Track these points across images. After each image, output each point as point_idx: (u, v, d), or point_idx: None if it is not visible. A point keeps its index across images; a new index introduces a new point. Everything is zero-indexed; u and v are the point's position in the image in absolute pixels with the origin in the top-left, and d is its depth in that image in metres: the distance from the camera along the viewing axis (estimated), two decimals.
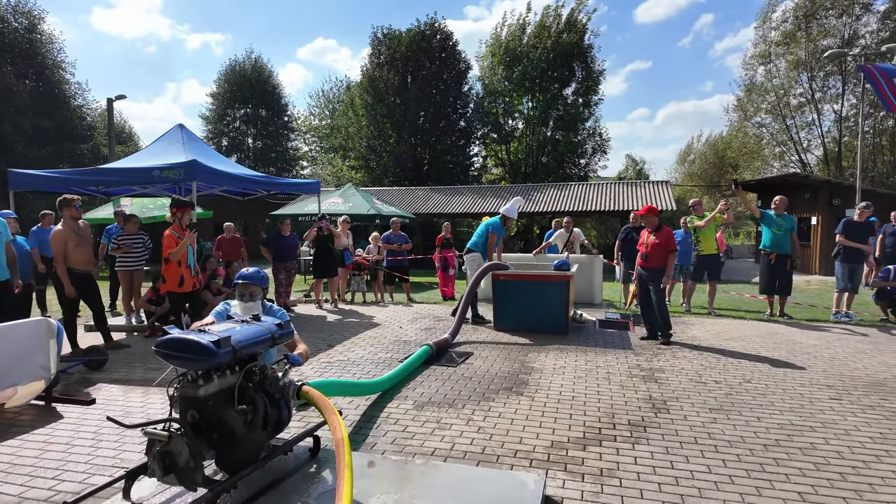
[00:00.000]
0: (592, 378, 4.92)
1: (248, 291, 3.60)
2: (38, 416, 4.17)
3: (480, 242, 7.85)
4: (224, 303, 3.69)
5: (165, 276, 5.92)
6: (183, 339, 2.51)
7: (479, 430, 3.72)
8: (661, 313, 6.25)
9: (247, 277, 3.62)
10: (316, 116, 45.34)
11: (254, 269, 3.72)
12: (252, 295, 3.59)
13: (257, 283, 3.61)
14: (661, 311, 6.26)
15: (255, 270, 3.69)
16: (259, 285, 3.62)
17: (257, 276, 3.63)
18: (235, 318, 3.06)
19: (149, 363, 5.70)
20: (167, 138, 8.05)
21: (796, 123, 25.16)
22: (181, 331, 2.65)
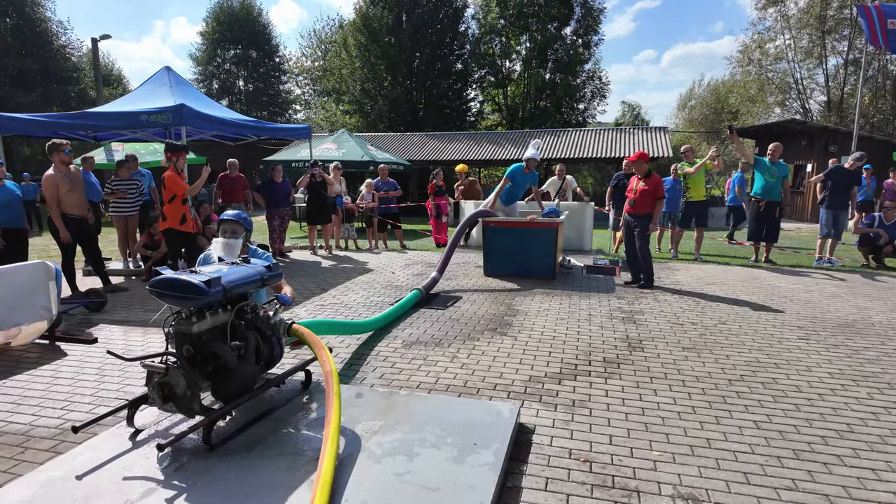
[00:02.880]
0: (574, 320, 5.13)
1: (230, 228, 3.67)
2: (43, 354, 4.37)
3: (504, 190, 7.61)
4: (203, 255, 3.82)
5: (167, 214, 6.00)
6: (176, 279, 2.63)
7: (463, 366, 3.94)
8: (645, 259, 6.41)
9: (231, 216, 3.72)
10: (308, 58, 44.02)
11: (238, 211, 3.82)
12: (234, 233, 3.65)
13: (241, 222, 3.68)
14: (644, 257, 6.41)
15: (240, 212, 3.78)
16: (242, 225, 3.70)
17: (241, 217, 3.72)
18: (225, 260, 3.19)
19: (147, 305, 5.88)
20: (154, 81, 7.90)
21: (800, 69, 24.60)
22: (173, 271, 2.77)
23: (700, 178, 8.91)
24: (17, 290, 4.39)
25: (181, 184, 5.90)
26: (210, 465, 2.47)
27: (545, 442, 2.84)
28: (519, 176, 7.46)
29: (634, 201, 6.40)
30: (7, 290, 4.31)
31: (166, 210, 6.00)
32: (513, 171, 7.49)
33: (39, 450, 2.81)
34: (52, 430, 3.03)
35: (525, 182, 7.56)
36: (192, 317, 2.73)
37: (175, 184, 5.89)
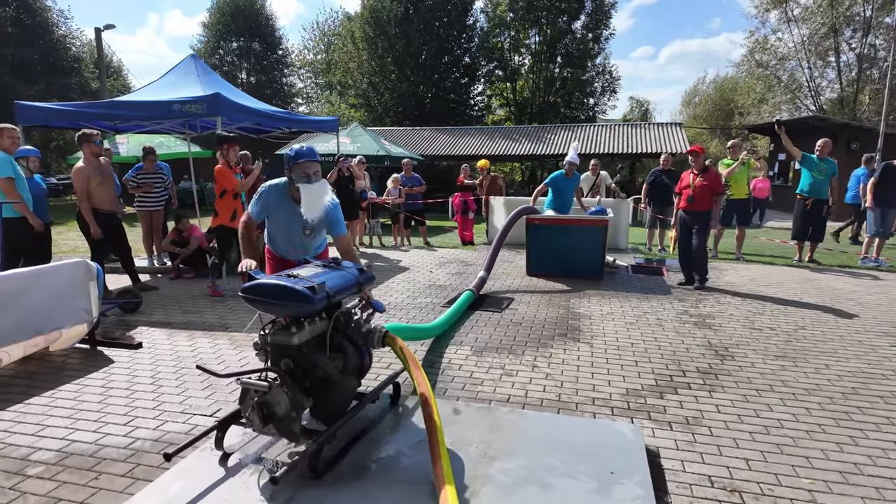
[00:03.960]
0: (644, 324, 4.85)
1: (311, 171, 3.04)
2: (86, 361, 4.05)
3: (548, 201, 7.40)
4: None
5: (218, 210, 5.68)
6: (277, 285, 2.34)
7: (547, 376, 3.65)
8: (701, 259, 6.13)
9: (304, 155, 3.06)
10: (311, 51, 43.51)
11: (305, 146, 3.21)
12: (316, 174, 3.09)
13: (316, 159, 3.10)
14: (701, 256, 6.13)
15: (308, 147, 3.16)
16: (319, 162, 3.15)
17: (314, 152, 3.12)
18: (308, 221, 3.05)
19: (184, 306, 5.56)
20: (180, 70, 7.55)
21: (810, 66, 24.33)
22: (267, 275, 2.47)
23: (742, 175, 8.63)
24: (57, 291, 4.06)
25: (232, 178, 5.59)
26: (322, 497, 2.18)
27: (677, 467, 2.56)
28: (561, 182, 7.20)
29: (692, 197, 6.09)
30: (47, 291, 3.99)
31: (217, 206, 5.67)
32: (553, 178, 7.23)
33: (115, 474, 2.51)
34: (123, 450, 2.72)
35: (569, 187, 7.26)
36: (292, 327, 2.43)
37: (226, 178, 5.57)
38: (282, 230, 3.32)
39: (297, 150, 3.07)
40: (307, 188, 3.05)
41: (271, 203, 3.22)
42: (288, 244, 3.38)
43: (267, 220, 3.35)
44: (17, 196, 4.96)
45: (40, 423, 3.02)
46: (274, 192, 3.22)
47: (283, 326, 2.47)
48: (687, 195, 6.14)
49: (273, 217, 3.30)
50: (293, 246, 3.37)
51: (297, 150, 3.07)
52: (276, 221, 3.31)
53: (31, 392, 3.45)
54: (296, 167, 3.04)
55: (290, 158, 3.06)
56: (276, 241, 3.40)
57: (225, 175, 5.58)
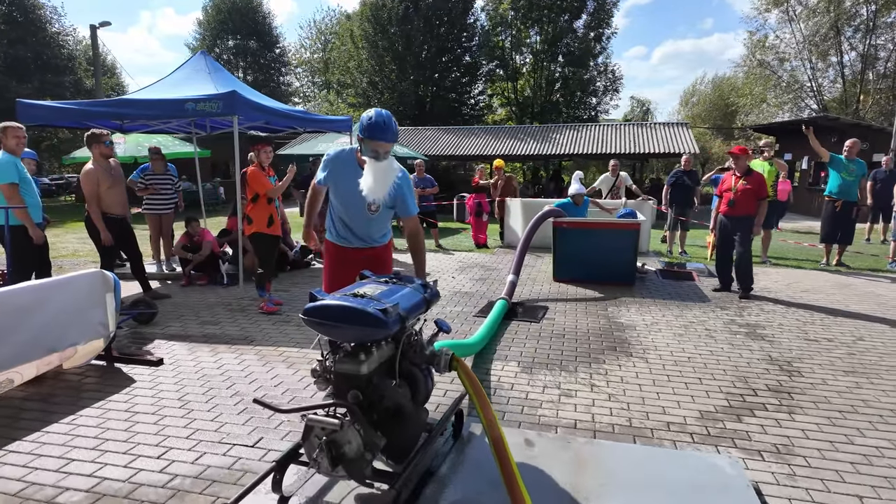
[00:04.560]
0: (694, 335, 4.59)
1: (382, 151, 2.70)
2: (104, 380, 3.74)
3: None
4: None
5: (252, 216, 5.30)
6: (346, 308, 2.05)
7: (610, 397, 3.38)
8: (746, 266, 5.86)
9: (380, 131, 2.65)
10: (307, 49, 43.14)
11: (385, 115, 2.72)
12: (386, 153, 2.75)
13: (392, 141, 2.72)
14: (745, 263, 5.86)
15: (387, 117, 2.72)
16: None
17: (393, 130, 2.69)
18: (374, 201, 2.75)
19: (201, 316, 5.25)
20: (189, 67, 7.21)
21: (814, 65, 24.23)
22: (331, 295, 2.18)
23: (770, 177, 8.39)
24: (72, 304, 3.74)
25: (266, 182, 5.23)
26: None
27: None
28: (571, 210, 6.99)
29: (734, 201, 5.81)
30: (62, 304, 3.67)
31: (251, 212, 5.30)
32: (562, 206, 6.99)
33: None
34: (162, 489, 2.42)
35: (579, 214, 7.02)
36: (360, 353, 2.14)
37: (259, 182, 5.20)
38: (345, 203, 2.92)
39: (374, 122, 2.65)
40: (373, 164, 2.72)
41: (338, 169, 2.90)
42: (351, 223, 2.97)
43: (331, 197, 3.00)
44: (21, 202, 4.61)
45: (63, 457, 2.71)
46: (342, 157, 2.92)
47: (348, 353, 2.18)
48: (728, 199, 5.86)
49: (337, 187, 2.91)
50: (356, 226, 2.98)
51: (375, 121, 2.65)
52: (340, 193, 2.91)
53: (48, 418, 3.15)
54: (368, 141, 2.67)
55: (364, 128, 2.67)
56: (336, 221, 3.02)
57: (258, 178, 5.21)
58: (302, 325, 4.89)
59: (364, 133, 2.69)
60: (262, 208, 5.27)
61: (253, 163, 5.34)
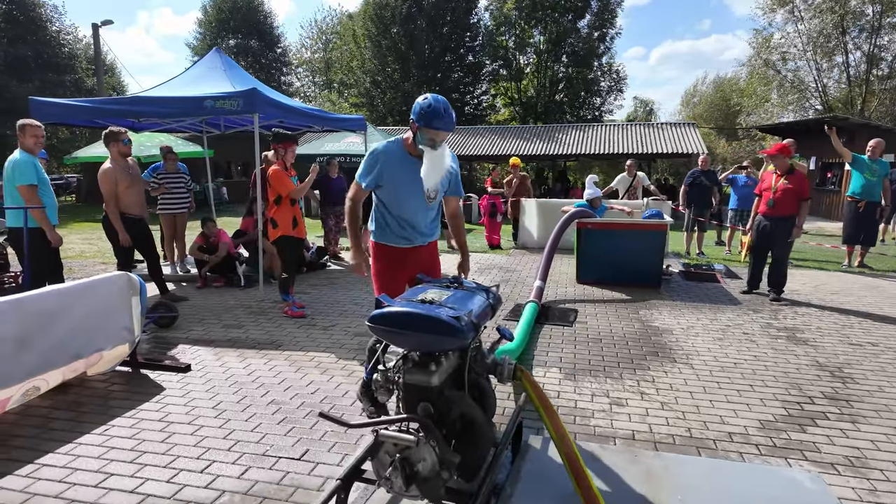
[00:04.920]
0: (734, 339, 4.47)
1: (440, 139, 2.64)
2: (132, 387, 3.60)
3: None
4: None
5: (276, 219, 5.07)
6: (419, 315, 1.91)
7: (664, 406, 3.25)
8: (782, 268, 5.71)
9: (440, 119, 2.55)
10: (308, 49, 42.96)
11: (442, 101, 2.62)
12: (442, 141, 2.67)
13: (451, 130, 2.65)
14: (782, 265, 5.71)
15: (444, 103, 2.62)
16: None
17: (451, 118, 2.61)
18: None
19: (223, 319, 5.11)
20: (204, 65, 7.06)
21: (819, 66, 24.14)
22: (398, 301, 2.05)
23: None
24: (98, 308, 3.60)
25: (289, 182, 4.98)
26: None
27: None
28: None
29: (774, 201, 5.66)
30: (88, 308, 3.53)
31: (275, 215, 5.07)
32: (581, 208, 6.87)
33: None
34: None
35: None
36: (430, 364, 2.01)
37: (282, 183, 4.95)
38: (404, 198, 2.76)
39: (433, 109, 2.53)
40: (430, 153, 2.63)
41: (391, 164, 2.72)
42: (413, 218, 2.80)
43: (377, 195, 2.85)
44: (39, 203, 4.45)
45: (101, 471, 2.57)
46: (391, 150, 2.73)
47: (416, 363, 2.05)
48: (767, 198, 5.69)
49: (394, 183, 2.74)
50: (419, 221, 2.83)
51: (434, 108, 2.53)
52: (397, 188, 2.74)
53: (79, 428, 3.00)
54: (426, 130, 2.57)
55: (422, 115, 2.54)
56: (392, 220, 2.84)
57: (281, 179, 4.99)
58: (330, 329, 4.77)
59: (421, 121, 2.58)
60: (286, 210, 5.06)
61: (274, 161, 5.14)
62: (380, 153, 2.76)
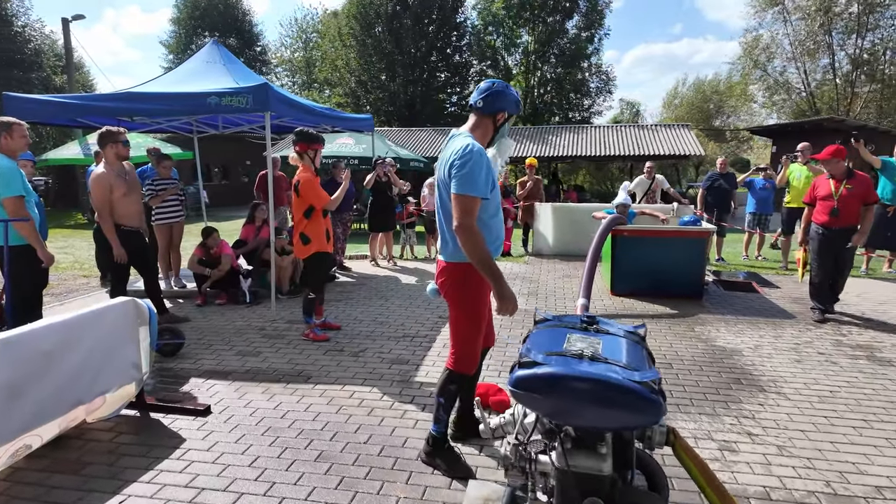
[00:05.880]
0: (812, 361, 4.06)
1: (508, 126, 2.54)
2: (144, 437, 3.00)
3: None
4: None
5: (308, 234, 4.37)
6: (597, 381, 1.41)
7: (781, 450, 2.80)
8: (843, 282, 5.25)
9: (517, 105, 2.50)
10: (288, 48, 41.97)
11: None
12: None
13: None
14: (844, 279, 5.25)
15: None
16: None
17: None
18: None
19: (234, 344, 4.51)
20: (200, 59, 6.39)
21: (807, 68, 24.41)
22: (554, 360, 1.53)
23: (808, 182, 8.01)
24: (102, 343, 3.00)
25: (322, 192, 4.37)
26: None
27: None
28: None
29: (838, 210, 5.00)
30: (91, 344, 2.92)
31: (306, 229, 4.39)
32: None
33: None
34: None
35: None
36: (600, 446, 1.50)
37: (316, 192, 4.31)
38: (494, 202, 2.42)
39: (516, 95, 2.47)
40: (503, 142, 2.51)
41: (490, 165, 2.35)
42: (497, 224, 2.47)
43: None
44: (28, 216, 3.78)
45: None
46: (482, 150, 2.34)
47: (578, 442, 1.54)
48: (829, 207, 5.07)
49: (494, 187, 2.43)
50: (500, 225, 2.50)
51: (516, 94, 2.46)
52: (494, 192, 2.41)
53: (88, 499, 2.41)
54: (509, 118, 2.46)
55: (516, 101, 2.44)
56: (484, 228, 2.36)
57: (315, 189, 4.31)
58: (360, 356, 4.21)
59: (513, 107, 2.44)
60: (318, 223, 4.41)
61: (299, 165, 4.50)
62: (482, 152, 2.30)
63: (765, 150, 26.25)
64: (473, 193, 2.21)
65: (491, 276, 2.23)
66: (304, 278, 4.71)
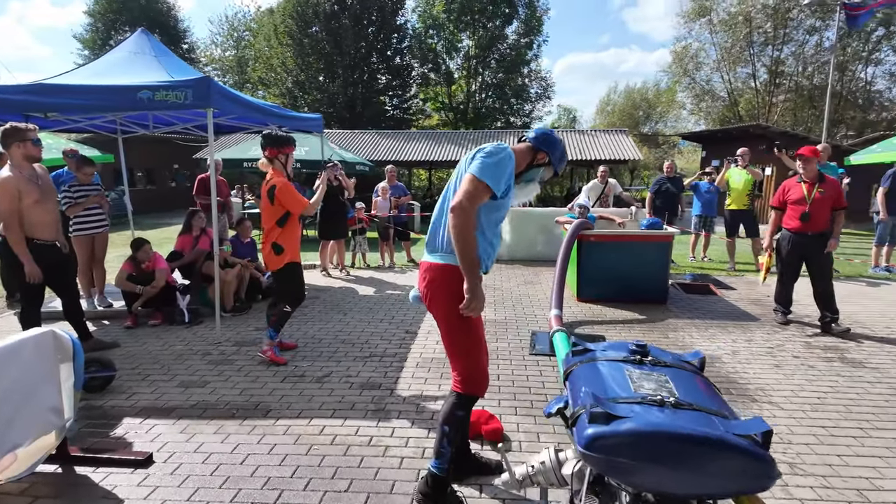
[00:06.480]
0: (790, 366, 4.04)
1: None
2: (65, 499, 2.46)
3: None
4: None
5: (282, 243, 3.98)
6: (700, 438, 1.11)
7: (793, 468, 2.66)
8: (831, 293, 4.88)
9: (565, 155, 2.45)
10: (219, 46, 40.07)
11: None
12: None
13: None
14: (829, 288, 4.88)
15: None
16: None
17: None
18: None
19: (175, 372, 3.94)
20: (127, 49, 5.65)
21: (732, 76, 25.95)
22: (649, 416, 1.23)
23: (746, 185, 8.29)
24: (14, 386, 2.44)
25: (301, 197, 3.97)
26: None
27: None
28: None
29: (810, 214, 4.83)
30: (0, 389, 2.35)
31: (281, 238, 3.97)
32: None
33: None
34: None
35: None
36: None
37: (294, 197, 3.92)
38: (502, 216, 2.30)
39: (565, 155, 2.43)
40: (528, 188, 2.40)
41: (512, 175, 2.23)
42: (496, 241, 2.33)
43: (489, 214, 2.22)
44: None
45: None
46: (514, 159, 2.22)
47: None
48: (800, 211, 4.88)
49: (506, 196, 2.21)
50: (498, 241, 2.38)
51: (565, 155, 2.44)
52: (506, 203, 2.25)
53: None
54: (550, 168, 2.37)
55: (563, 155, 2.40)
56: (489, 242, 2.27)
57: (293, 193, 3.93)
58: (325, 381, 3.77)
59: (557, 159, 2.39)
60: (293, 231, 4.04)
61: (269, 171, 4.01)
62: (512, 158, 2.16)
63: (694, 154, 27.64)
64: (489, 182, 2.07)
65: (470, 267, 2.06)
66: (280, 294, 4.24)
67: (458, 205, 2.03)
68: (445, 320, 2.25)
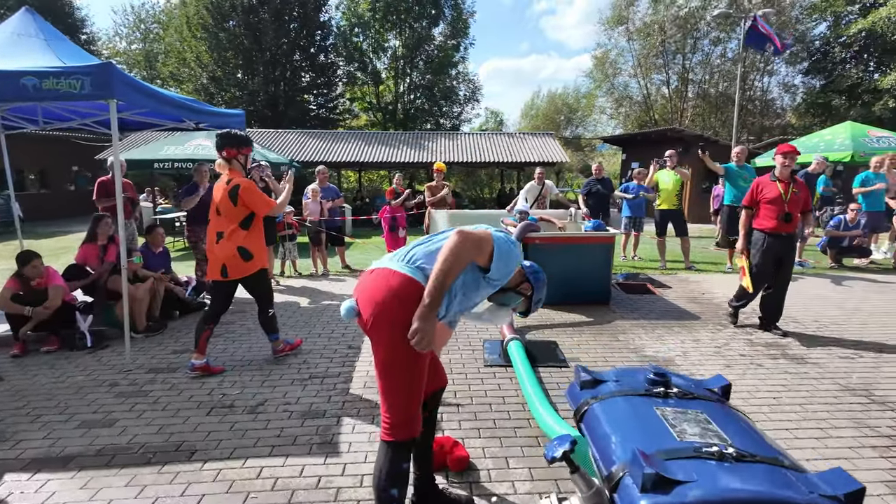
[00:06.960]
0: (741, 366, 4.06)
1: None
2: None
3: None
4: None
5: (249, 248, 3.78)
6: None
7: None
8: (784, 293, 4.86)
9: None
10: (123, 38, 37.05)
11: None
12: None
13: None
14: (785, 290, 4.85)
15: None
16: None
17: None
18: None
19: (79, 411, 3.33)
20: (9, 30, 4.78)
21: (648, 81, 27.36)
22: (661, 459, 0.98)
23: (676, 186, 8.59)
24: None
25: (267, 198, 3.81)
26: None
27: None
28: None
29: (790, 215, 4.61)
30: None
31: (247, 241, 3.77)
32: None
33: None
34: None
35: None
36: None
37: (260, 198, 3.76)
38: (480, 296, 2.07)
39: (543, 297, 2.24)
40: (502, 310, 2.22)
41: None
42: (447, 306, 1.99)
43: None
44: None
45: None
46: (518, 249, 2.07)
47: None
48: (777, 211, 4.64)
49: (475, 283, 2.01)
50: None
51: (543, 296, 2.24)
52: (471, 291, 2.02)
53: None
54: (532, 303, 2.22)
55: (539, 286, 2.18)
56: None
57: (258, 193, 3.75)
58: (259, 411, 3.32)
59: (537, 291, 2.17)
60: (258, 234, 3.89)
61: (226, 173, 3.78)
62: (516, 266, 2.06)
63: (614, 157, 28.91)
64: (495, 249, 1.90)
65: (437, 288, 1.76)
66: (260, 301, 4.07)
67: (466, 233, 1.84)
68: (388, 351, 1.85)
